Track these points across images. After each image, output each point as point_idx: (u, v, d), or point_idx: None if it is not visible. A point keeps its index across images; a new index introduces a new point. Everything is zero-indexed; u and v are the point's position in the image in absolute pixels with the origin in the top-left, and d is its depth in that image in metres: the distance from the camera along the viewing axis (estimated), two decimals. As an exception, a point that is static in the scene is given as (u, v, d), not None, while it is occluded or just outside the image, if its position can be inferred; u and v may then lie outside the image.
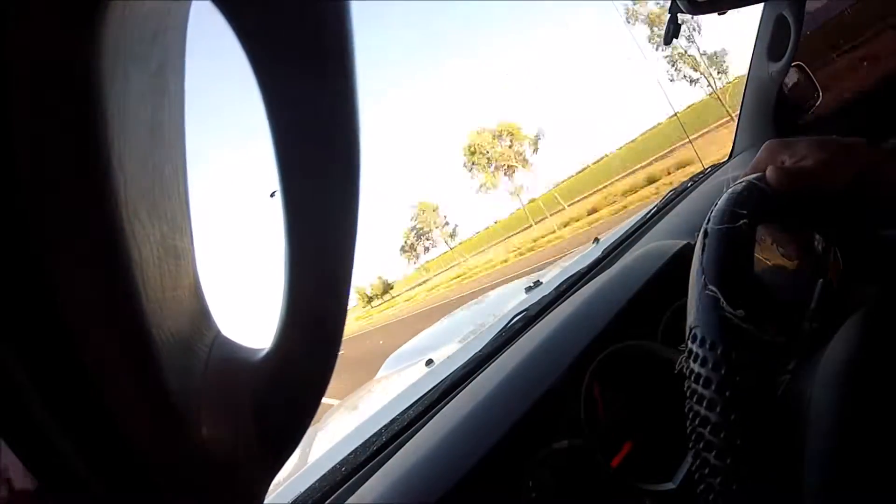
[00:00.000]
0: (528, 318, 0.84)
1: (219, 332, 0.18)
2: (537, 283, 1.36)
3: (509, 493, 0.51)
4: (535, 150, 27.04)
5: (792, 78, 0.96)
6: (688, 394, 0.27)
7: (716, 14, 0.83)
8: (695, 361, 0.27)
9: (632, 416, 0.60)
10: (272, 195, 0.14)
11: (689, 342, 0.28)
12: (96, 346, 0.13)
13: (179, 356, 0.15)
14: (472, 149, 26.62)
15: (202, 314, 0.17)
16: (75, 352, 0.13)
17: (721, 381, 0.25)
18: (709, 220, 0.32)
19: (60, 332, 0.12)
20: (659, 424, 0.58)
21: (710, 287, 0.28)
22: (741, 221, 0.31)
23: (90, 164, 0.12)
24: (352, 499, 0.57)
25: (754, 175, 0.35)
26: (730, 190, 0.34)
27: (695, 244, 0.32)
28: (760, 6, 0.92)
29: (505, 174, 26.99)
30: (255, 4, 0.12)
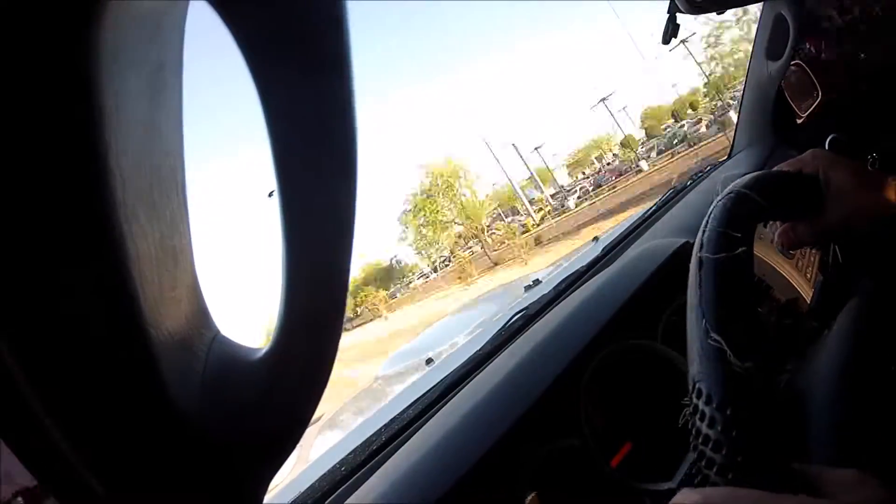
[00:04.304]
0: (528, 316, 0.84)
1: (218, 332, 0.18)
2: (537, 282, 1.36)
3: (509, 492, 0.51)
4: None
5: (791, 77, 0.96)
6: (696, 456, 0.25)
7: (714, 14, 0.83)
8: (701, 420, 0.24)
9: (632, 416, 0.60)
10: (270, 195, 0.14)
11: (694, 397, 0.25)
12: (95, 346, 0.13)
13: (178, 356, 0.15)
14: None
15: (201, 314, 0.17)
16: (75, 352, 0.13)
17: (732, 445, 0.23)
18: (702, 244, 0.30)
19: (60, 332, 0.13)
20: (659, 424, 0.58)
21: (714, 336, 0.26)
22: (740, 249, 0.29)
23: (87, 163, 0.12)
24: (352, 499, 0.57)
25: (741, 182, 0.34)
26: (720, 203, 0.32)
27: (693, 244, 0.32)
28: (759, 6, 0.92)
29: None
30: (251, 7, 0.12)
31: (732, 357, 0.25)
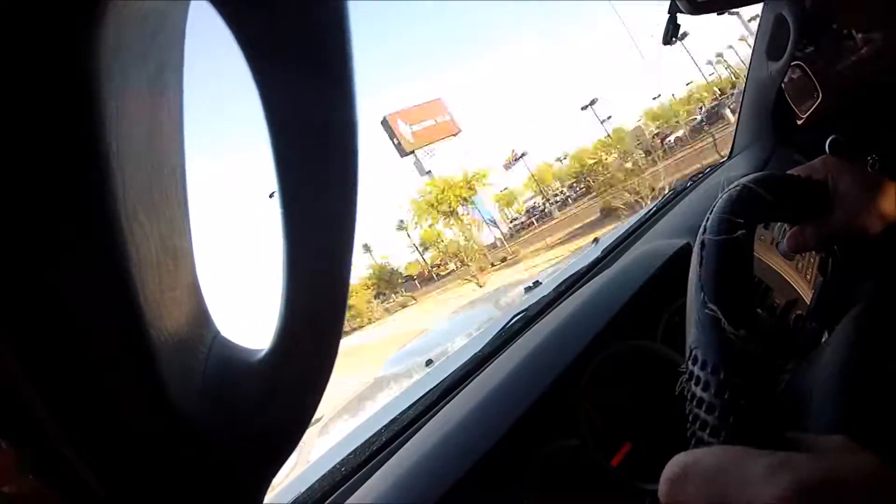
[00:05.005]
0: (528, 318, 0.84)
1: (218, 332, 0.18)
2: (537, 283, 1.36)
3: (509, 492, 0.51)
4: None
5: (791, 77, 0.96)
6: (690, 419, 0.26)
7: (714, 14, 0.83)
8: (696, 385, 0.26)
9: (632, 416, 0.60)
10: (271, 196, 0.14)
11: (690, 364, 0.27)
12: (95, 346, 0.13)
13: (179, 356, 0.15)
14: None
15: (201, 315, 0.17)
16: (75, 352, 0.13)
17: (724, 407, 0.24)
18: (705, 229, 0.32)
19: (60, 332, 0.13)
20: (659, 424, 0.58)
21: (710, 306, 0.27)
22: (739, 232, 0.30)
23: (88, 163, 0.12)
24: (352, 499, 0.57)
25: (749, 178, 0.35)
26: (726, 194, 0.34)
27: (693, 244, 0.32)
28: (760, 5, 0.92)
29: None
30: (252, 7, 0.12)
31: (727, 324, 0.26)
